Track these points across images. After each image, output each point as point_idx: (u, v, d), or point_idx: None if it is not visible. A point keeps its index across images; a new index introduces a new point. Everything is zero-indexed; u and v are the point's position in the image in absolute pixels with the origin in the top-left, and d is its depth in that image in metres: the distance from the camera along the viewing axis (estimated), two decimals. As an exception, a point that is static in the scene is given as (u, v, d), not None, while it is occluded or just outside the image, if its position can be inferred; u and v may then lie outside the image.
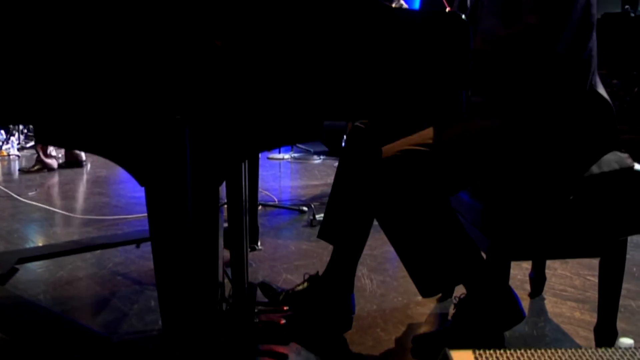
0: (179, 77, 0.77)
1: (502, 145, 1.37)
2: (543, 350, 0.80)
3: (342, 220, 1.60)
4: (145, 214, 0.87)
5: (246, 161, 1.71)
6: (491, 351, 0.79)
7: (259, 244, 2.33)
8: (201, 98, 0.78)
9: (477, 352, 0.79)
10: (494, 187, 1.39)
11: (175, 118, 0.77)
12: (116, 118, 0.80)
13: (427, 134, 1.42)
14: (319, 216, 2.71)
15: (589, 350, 0.79)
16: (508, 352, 0.79)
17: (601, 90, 1.38)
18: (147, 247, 2.23)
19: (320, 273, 1.66)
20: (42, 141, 0.83)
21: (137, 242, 2.02)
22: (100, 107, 0.79)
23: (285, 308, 1.47)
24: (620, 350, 0.79)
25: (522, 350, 0.80)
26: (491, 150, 1.37)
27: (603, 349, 0.80)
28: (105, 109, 0.79)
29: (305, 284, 1.65)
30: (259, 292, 1.70)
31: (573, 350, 0.80)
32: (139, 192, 3.47)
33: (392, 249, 2.16)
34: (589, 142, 1.36)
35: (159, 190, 0.80)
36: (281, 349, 1.36)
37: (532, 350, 0.80)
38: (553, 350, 0.79)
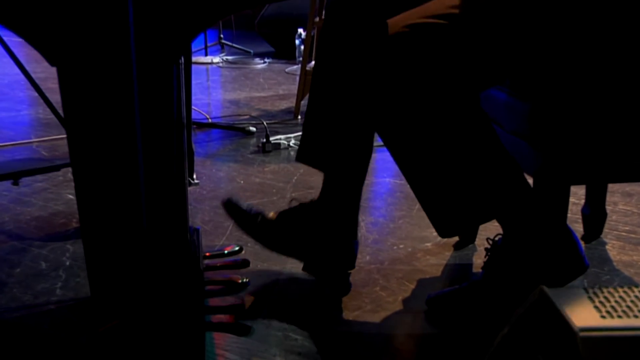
0: None
1: (559, 10, 1.30)
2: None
3: (329, 133, 1.52)
4: (20, 142, 0.76)
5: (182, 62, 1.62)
6: (610, 289, 0.79)
7: (194, 176, 2.29)
8: None
9: (591, 290, 0.79)
10: (547, 77, 1.34)
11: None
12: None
13: (443, 2, 1.36)
14: (275, 138, 2.74)
15: None
16: (636, 290, 0.79)
17: None
18: (27, 186, 2.18)
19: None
20: None
21: (15, 176, 1.87)
22: None
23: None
24: None
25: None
26: (543, 21, 1.31)
27: None
28: None
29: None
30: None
31: None
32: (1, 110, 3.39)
33: (380, 180, 2.13)
34: None
35: (87, 69, 0.67)
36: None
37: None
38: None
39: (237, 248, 1.66)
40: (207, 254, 1.60)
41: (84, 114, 0.68)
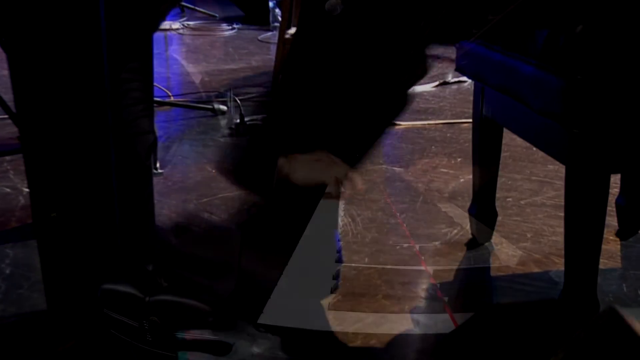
0: None
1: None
2: None
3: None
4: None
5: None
6: None
7: (157, 165, 2.30)
8: None
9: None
10: (587, 44, 1.32)
11: None
12: None
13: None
14: (250, 119, 2.77)
15: None
16: None
17: None
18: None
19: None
20: None
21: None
22: None
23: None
24: None
25: None
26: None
27: None
28: None
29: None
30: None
31: None
32: None
33: (377, 167, 2.17)
34: None
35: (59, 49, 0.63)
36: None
37: None
38: None
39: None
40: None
41: (41, 97, 0.64)
